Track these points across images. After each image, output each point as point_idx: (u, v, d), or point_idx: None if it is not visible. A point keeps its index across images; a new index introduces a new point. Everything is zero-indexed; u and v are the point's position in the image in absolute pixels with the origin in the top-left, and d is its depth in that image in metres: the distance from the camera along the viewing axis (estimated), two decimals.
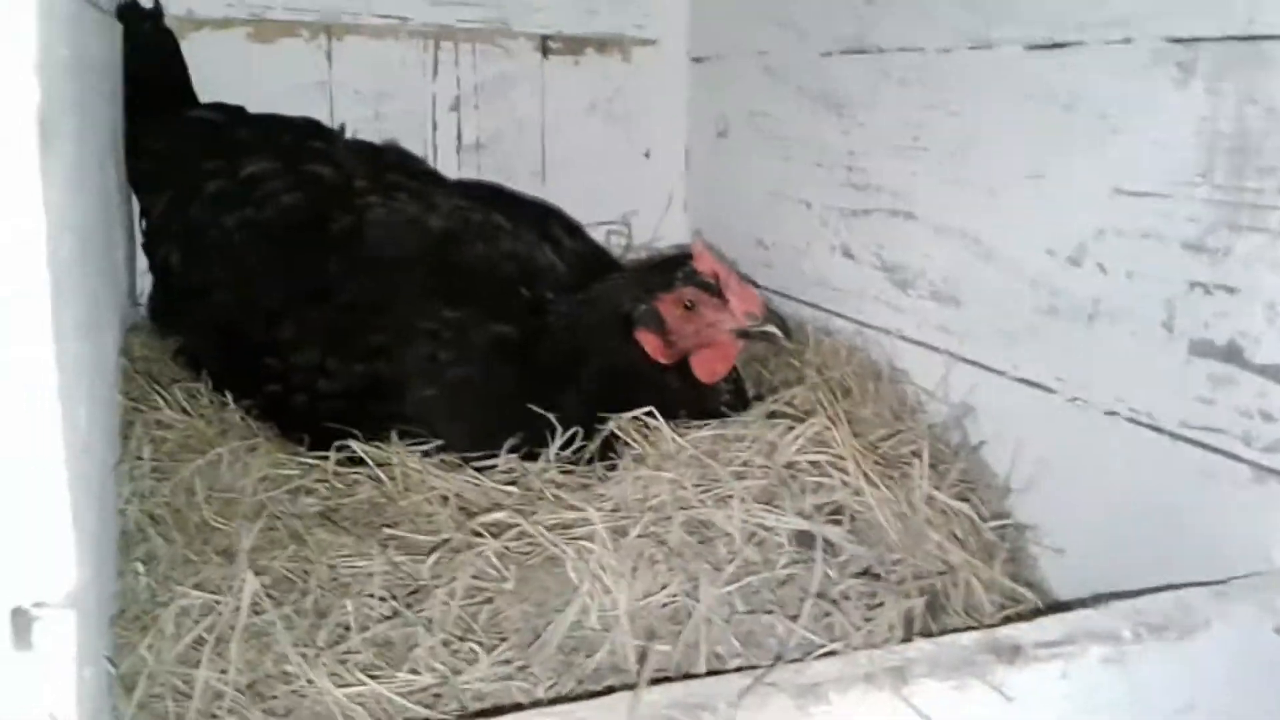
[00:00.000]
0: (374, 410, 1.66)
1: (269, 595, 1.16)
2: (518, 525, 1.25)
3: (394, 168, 2.03)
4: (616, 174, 2.66)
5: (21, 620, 0.78)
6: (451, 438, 1.61)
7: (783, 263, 2.30)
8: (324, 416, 1.67)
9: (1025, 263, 1.61)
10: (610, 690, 1.09)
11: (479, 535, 1.25)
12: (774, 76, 2.30)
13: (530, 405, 1.60)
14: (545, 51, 2.56)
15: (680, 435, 1.45)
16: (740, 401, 1.74)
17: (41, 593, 0.78)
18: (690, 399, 1.64)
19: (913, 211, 1.86)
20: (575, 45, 2.58)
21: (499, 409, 1.67)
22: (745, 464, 1.37)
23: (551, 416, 1.59)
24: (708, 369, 1.68)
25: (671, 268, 1.70)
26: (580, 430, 1.58)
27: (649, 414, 1.49)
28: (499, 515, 1.25)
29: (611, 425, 1.50)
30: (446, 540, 1.25)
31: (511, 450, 1.58)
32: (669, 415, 1.53)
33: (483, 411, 1.68)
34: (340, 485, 1.48)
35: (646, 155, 2.70)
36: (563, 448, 1.57)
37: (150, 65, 2.11)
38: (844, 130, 2.05)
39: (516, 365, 1.70)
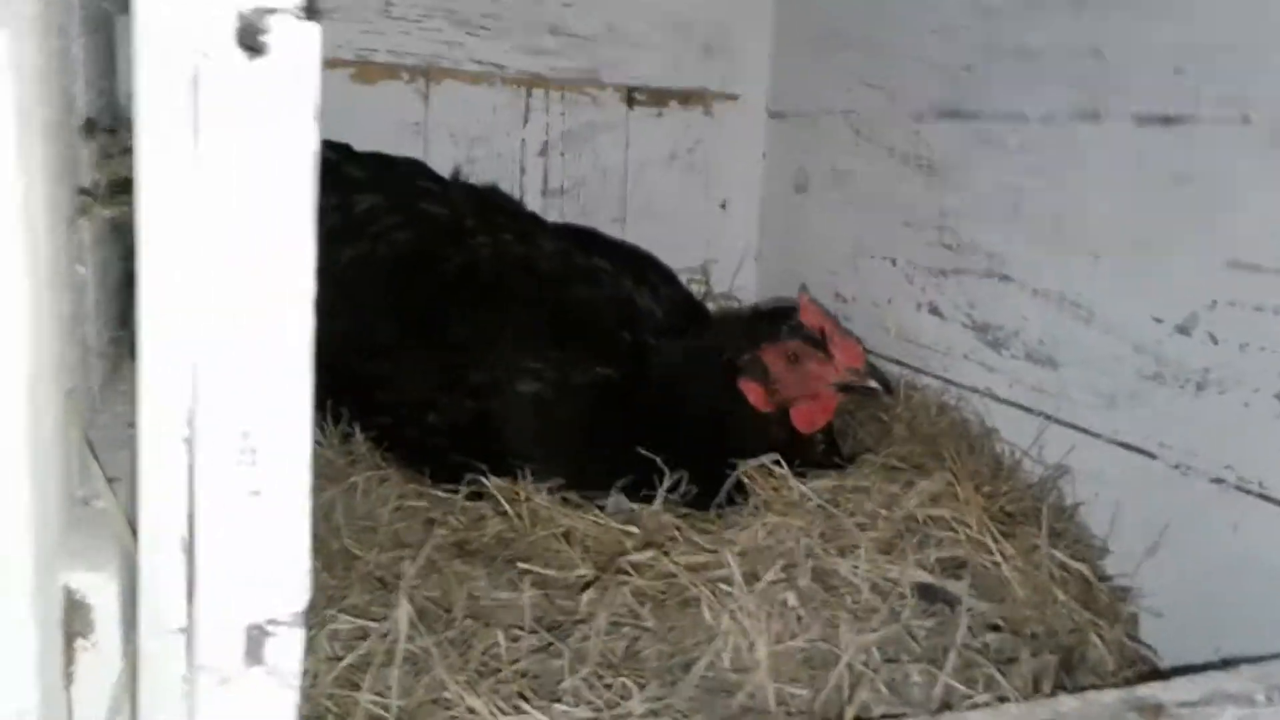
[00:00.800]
0: (481, 446, 1.70)
1: (420, 623, 1.19)
2: (657, 565, 1.28)
3: (500, 209, 2.09)
4: (694, 223, 2.71)
5: (255, 637, 0.81)
6: (554, 476, 1.65)
7: (863, 317, 2.34)
8: (433, 450, 1.71)
9: (1129, 329, 1.64)
10: None
11: (622, 573, 1.28)
12: (860, 135, 2.35)
13: (634, 447, 1.64)
14: (631, 102, 2.62)
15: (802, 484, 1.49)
16: (835, 453, 1.78)
17: (276, 610, 0.81)
18: (789, 448, 1.67)
19: (1008, 273, 1.90)
20: (660, 97, 2.65)
21: (601, 450, 1.71)
22: (868, 515, 1.40)
23: (658, 459, 1.62)
24: (808, 420, 1.71)
25: (777, 319, 1.74)
26: (686, 474, 1.62)
27: (775, 463, 1.52)
28: (648, 554, 1.28)
29: (740, 472, 1.53)
30: (596, 576, 1.28)
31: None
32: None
33: (585, 452, 1.72)
34: (465, 519, 1.51)
35: (723, 206, 2.75)
36: (669, 491, 1.60)
37: None
38: (936, 191, 2.10)
39: (618, 407, 1.74)
